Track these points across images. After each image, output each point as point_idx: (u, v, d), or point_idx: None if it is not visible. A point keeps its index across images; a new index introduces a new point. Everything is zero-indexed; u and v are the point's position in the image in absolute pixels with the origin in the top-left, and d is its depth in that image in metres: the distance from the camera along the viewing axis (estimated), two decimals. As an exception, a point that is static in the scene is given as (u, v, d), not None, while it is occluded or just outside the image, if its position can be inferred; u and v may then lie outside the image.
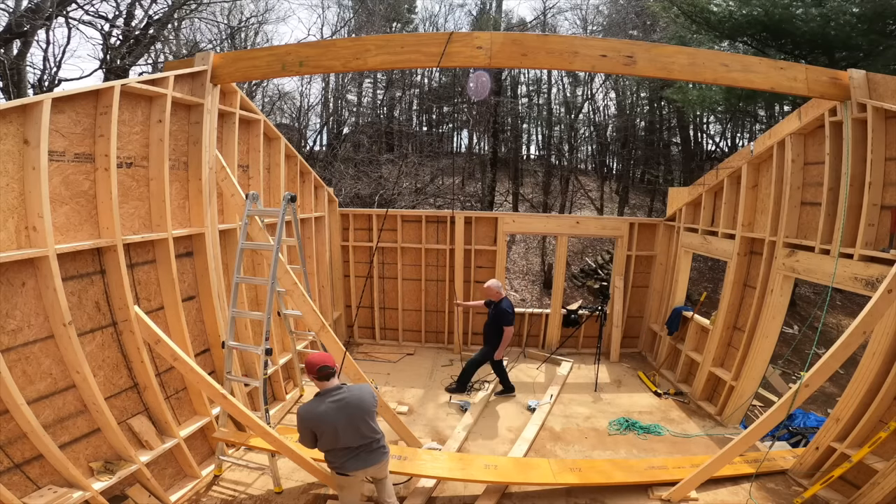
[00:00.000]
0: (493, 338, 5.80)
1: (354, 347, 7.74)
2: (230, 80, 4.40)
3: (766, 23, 10.48)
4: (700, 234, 6.49)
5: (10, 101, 2.94)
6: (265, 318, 4.18)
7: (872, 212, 4.01)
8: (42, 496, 2.90)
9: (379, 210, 8.16)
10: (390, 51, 4.13)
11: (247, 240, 4.28)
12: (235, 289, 4.29)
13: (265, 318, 4.17)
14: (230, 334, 4.24)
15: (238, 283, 4.31)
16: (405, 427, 4.67)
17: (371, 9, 19.53)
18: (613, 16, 22.08)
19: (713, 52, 4.17)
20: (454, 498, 4.05)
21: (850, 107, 4.14)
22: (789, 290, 5.11)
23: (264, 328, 4.19)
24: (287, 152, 5.98)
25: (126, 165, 3.69)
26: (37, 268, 3.00)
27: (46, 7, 8.60)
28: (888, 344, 3.72)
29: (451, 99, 25.56)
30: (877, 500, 3.50)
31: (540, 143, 27.28)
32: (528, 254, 17.42)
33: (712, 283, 13.86)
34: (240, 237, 4.30)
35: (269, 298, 4.16)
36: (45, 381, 3.07)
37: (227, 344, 4.21)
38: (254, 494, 3.97)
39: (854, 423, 3.96)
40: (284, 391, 5.65)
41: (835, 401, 4.70)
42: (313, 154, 19.47)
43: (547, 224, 7.63)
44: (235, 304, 4.29)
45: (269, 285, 4.16)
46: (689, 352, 6.46)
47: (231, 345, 4.21)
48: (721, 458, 3.91)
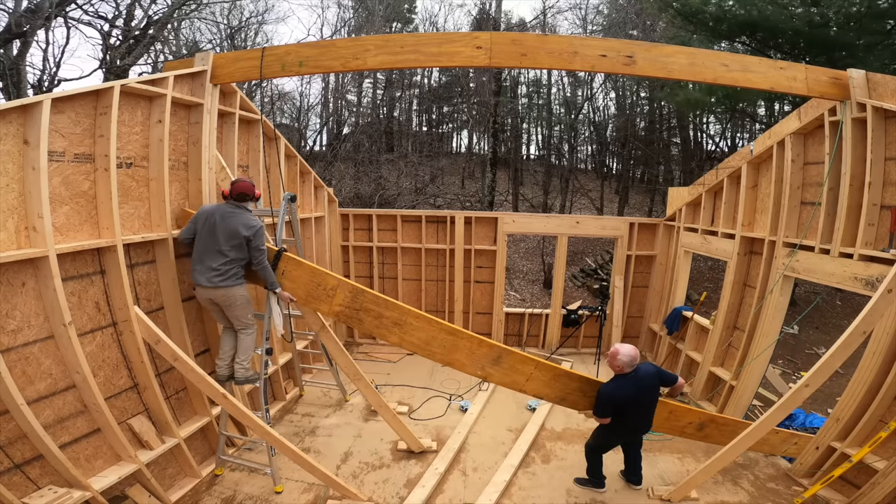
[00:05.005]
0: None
1: (354, 347, 7.74)
2: (230, 80, 4.40)
3: (762, 23, 10.48)
4: (700, 233, 6.49)
5: (10, 102, 2.94)
6: (265, 319, 4.18)
7: (872, 211, 4.01)
8: (42, 496, 2.89)
9: (379, 210, 8.16)
10: (390, 51, 4.13)
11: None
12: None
13: (265, 318, 4.18)
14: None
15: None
16: (405, 427, 4.67)
17: (371, 9, 19.52)
18: (613, 16, 22.09)
19: (713, 52, 4.18)
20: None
21: (849, 106, 4.14)
22: (789, 290, 5.11)
23: (264, 328, 4.19)
24: (287, 152, 5.99)
25: (126, 166, 3.69)
26: (37, 268, 3.00)
27: (46, 7, 8.60)
28: (888, 344, 3.72)
29: (451, 99, 25.60)
30: (877, 500, 3.50)
31: (540, 143, 27.39)
32: (529, 254, 17.42)
33: (712, 283, 13.87)
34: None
35: (270, 298, 4.16)
36: (45, 381, 3.07)
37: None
38: (254, 494, 3.97)
39: (854, 422, 3.96)
40: (284, 391, 5.66)
41: (835, 401, 4.71)
42: (313, 154, 19.49)
43: (547, 224, 7.63)
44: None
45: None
46: (689, 351, 6.46)
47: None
48: (721, 458, 3.91)
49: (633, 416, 3.83)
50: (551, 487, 4.20)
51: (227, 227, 3.74)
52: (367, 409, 5.56)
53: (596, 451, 4.11)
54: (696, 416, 4.19)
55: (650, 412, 3.90)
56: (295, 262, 4.00)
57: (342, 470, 4.38)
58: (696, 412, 4.23)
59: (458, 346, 3.86)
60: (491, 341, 3.89)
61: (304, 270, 3.98)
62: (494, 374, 3.89)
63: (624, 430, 4.01)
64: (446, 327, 3.85)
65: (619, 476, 4.30)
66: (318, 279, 3.94)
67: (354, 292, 3.88)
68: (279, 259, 3.99)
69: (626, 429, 3.99)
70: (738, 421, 4.40)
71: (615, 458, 4.25)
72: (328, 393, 5.98)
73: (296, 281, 4.00)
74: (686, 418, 4.17)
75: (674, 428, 4.15)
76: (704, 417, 4.24)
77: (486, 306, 7.74)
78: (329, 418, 5.39)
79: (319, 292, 3.94)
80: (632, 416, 3.82)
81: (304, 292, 4.00)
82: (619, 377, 3.77)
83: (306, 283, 3.97)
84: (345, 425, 5.22)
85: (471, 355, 3.86)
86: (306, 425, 5.20)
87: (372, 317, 3.88)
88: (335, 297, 3.90)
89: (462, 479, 4.30)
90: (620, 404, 3.73)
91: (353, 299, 3.88)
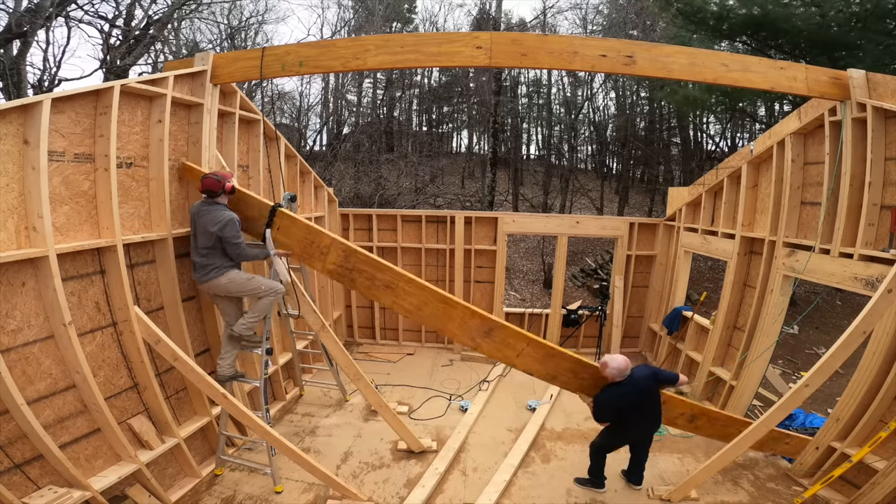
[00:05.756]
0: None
1: (354, 347, 7.74)
2: (230, 80, 4.40)
3: (764, 22, 10.48)
4: (700, 233, 6.49)
5: (10, 101, 2.94)
6: (266, 318, 4.18)
7: (872, 211, 4.01)
8: (42, 496, 2.90)
9: (379, 210, 8.16)
10: (390, 51, 4.13)
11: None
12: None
13: (266, 318, 4.18)
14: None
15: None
16: (405, 427, 4.67)
17: (371, 9, 19.52)
18: (613, 16, 22.09)
19: (713, 52, 4.18)
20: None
21: (849, 106, 4.14)
22: (789, 290, 5.11)
23: (264, 328, 4.19)
24: (287, 152, 5.99)
25: (126, 165, 3.70)
26: (37, 268, 3.00)
27: (46, 7, 8.60)
28: (888, 344, 3.72)
29: (451, 99, 25.60)
30: (877, 500, 3.50)
31: (540, 143, 27.39)
32: (529, 254, 17.42)
33: (712, 283, 13.86)
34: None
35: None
36: (45, 381, 3.07)
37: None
38: (254, 494, 3.97)
39: (854, 422, 3.96)
40: (284, 391, 5.66)
41: (835, 401, 4.71)
42: (313, 154, 19.49)
43: (547, 224, 7.63)
44: (235, 304, 4.28)
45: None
46: (689, 351, 6.46)
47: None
48: (721, 458, 3.91)
49: (632, 420, 3.85)
50: (551, 487, 4.20)
51: (201, 225, 3.80)
52: (367, 409, 5.56)
53: (601, 451, 4.12)
54: (687, 408, 4.18)
55: (653, 413, 3.91)
56: (290, 218, 4.01)
57: (342, 470, 4.38)
58: (687, 403, 4.21)
59: (451, 315, 3.84)
60: (483, 312, 3.87)
61: (298, 227, 3.99)
62: (485, 345, 3.86)
63: (628, 434, 4.03)
64: (439, 295, 3.84)
65: (619, 476, 4.30)
66: (313, 237, 3.96)
67: (347, 252, 3.88)
68: (274, 215, 3.99)
69: (629, 433, 4.00)
70: (729, 416, 4.42)
71: (617, 458, 4.25)
72: (328, 393, 5.98)
73: (290, 236, 4.00)
74: (678, 409, 4.16)
75: (665, 418, 4.15)
76: (696, 409, 4.23)
77: (486, 306, 7.73)
78: (329, 418, 5.39)
79: (313, 250, 3.96)
80: (632, 420, 3.84)
81: (298, 248, 4.01)
82: (612, 385, 3.79)
83: (301, 240, 3.98)
84: (345, 425, 5.22)
85: (463, 325, 3.85)
86: (306, 425, 5.20)
87: (364, 277, 3.88)
88: (328, 256, 3.91)
89: (462, 478, 4.31)
90: (618, 410, 3.76)
91: (345, 258, 3.88)
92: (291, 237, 4.00)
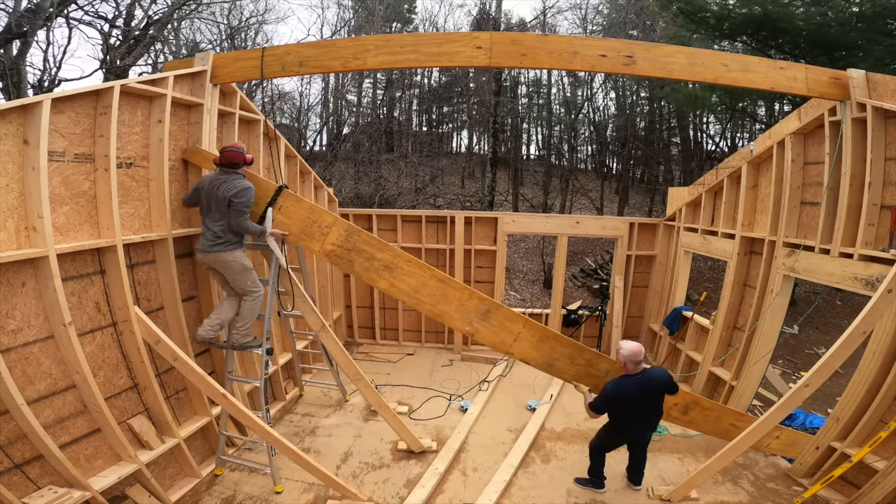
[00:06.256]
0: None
1: (354, 347, 7.74)
2: (230, 80, 4.40)
3: (764, 21, 10.48)
4: (700, 234, 6.49)
5: (10, 102, 2.94)
6: (266, 318, 4.18)
7: (872, 211, 4.01)
8: (42, 496, 2.90)
9: (379, 210, 8.16)
10: (390, 51, 4.13)
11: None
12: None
13: (266, 318, 4.18)
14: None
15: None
16: (405, 427, 4.67)
17: (371, 9, 19.52)
18: (613, 16, 22.10)
19: (713, 52, 4.18)
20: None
21: (849, 106, 4.14)
22: (789, 290, 5.11)
23: (265, 328, 4.19)
24: (287, 152, 5.98)
25: (126, 166, 3.70)
26: (37, 268, 3.00)
27: (46, 7, 8.60)
28: (888, 344, 3.72)
29: (451, 99, 25.61)
30: (877, 500, 3.50)
31: (540, 143, 27.38)
32: (529, 254, 17.42)
33: (712, 283, 13.86)
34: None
35: (270, 298, 4.17)
36: (45, 381, 3.07)
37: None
38: (254, 494, 3.97)
39: (854, 422, 3.96)
40: (284, 391, 5.66)
41: (835, 401, 4.71)
42: (313, 154, 19.49)
43: (547, 224, 7.63)
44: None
45: (270, 285, 4.17)
46: (689, 351, 6.46)
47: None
48: (721, 458, 3.91)
49: (631, 417, 3.82)
50: (551, 487, 4.20)
51: (218, 194, 3.76)
52: (367, 409, 5.56)
53: (600, 451, 4.11)
54: (680, 398, 4.15)
55: (650, 416, 3.88)
56: (294, 198, 4.04)
57: (342, 470, 4.38)
58: (680, 394, 4.17)
59: (448, 297, 3.84)
60: (482, 294, 3.88)
61: (302, 207, 4.01)
62: (482, 329, 3.86)
63: (623, 434, 4.01)
64: (438, 274, 3.85)
65: (619, 476, 4.29)
66: (315, 216, 3.98)
67: (349, 231, 3.91)
68: (279, 195, 4.01)
69: (624, 432, 3.98)
70: (722, 407, 4.42)
71: (618, 458, 4.25)
72: (328, 393, 5.99)
73: (291, 217, 4.01)
74: (671, 400, 4.14)
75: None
76: (689, 399, 4.22)
77: (486, 306, 7.74)
78: (329, 418, 5.39)
79: (314, 229, 3.97)
80: (631, 416, 3.81)
81: (297, 229, 4.01)
82: (625, 376, 3.74)
83: (301, 220, 3.99)
84: (345, 425, 5.22)
85: (460, 307, 3.84)
86: (306, 425, 5.20)
87: (363, 258, 3.89)
88: (328, 236, 3.92)
89: (462, 479, 4.31)
90: (622, 404, 3.73)
91: (346, 238, 3.90)
92: (292, 217, 4.01)
